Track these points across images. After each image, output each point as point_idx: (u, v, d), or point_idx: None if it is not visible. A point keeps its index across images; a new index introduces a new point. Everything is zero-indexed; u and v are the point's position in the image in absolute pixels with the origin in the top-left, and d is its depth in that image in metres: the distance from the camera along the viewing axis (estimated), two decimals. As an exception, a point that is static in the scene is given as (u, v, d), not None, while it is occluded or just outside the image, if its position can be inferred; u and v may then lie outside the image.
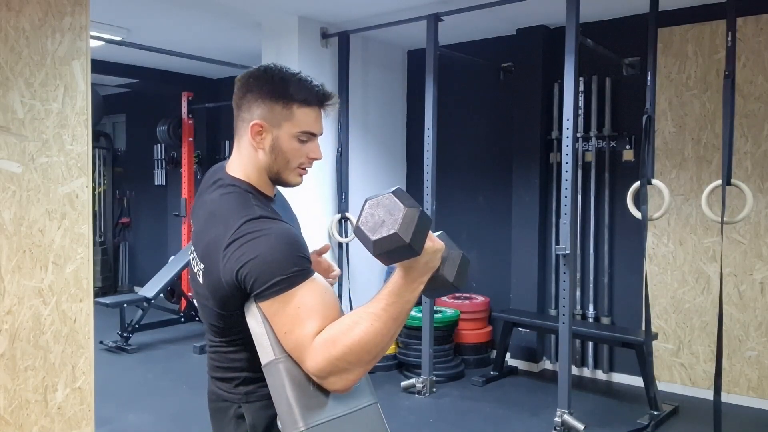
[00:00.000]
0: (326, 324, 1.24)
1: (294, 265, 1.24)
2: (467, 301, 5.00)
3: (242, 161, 1.41)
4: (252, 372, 1.36)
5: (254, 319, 1.29)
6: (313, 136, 1.39)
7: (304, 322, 1.23)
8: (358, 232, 1.21)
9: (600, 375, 4.70)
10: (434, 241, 1.24)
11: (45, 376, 2.58)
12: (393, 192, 1.21)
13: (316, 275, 1.29)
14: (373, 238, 1.18)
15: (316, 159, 1.42)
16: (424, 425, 3.85)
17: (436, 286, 1.29)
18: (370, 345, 1.21)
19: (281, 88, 1.35)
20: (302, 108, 1.35)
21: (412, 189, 5.57)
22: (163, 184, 7.53)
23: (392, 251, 1.18)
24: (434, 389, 4.35)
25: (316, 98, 1.37)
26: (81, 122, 2.68)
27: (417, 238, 1.17)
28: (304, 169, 1.42)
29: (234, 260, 1.26)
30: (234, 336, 1.37)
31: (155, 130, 6.85)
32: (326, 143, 4.74)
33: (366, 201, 1.22)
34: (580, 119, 4.64)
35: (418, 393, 4.29)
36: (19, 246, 2.49)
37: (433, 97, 4.28)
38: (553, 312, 4.79)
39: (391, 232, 1.16)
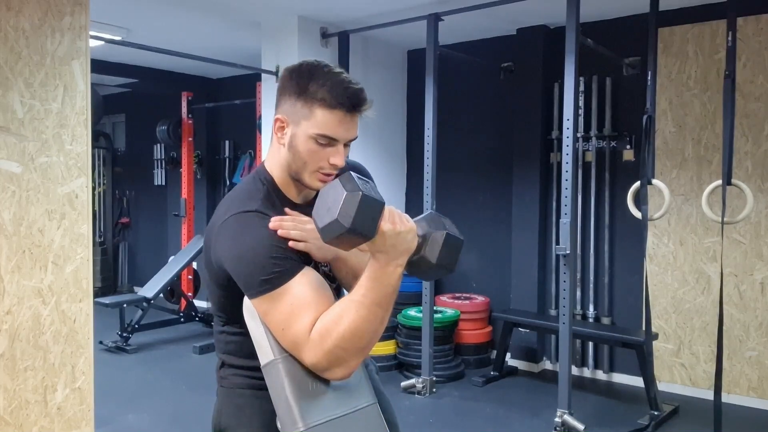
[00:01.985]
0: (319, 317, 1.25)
1: (276, 266, 1.24)
2: (467, 301, 4.99)
3: (270, 155, 1.42)
4: (230, 356, 1.39)
5: (253, 320, 1.29)
6: (333, 140, 1.31)
7: (298, 318, 1.23)
8: (314, 222, 1.21)
9: (600, 375, 4.70)
10: (396, 222, 1.20)
11: (45, 376, 2.58)
12: (340, 177, 1.19)
13: (307, 269, 1.28)
14: (320, 226, 1.17)
15: (337, 165, 1.33)
16: (423, 425, 3.85)
17: (422, 269, 1.27)
18: (361, 331, 1.21)
19: (304, 84, 1.30)
20: (323, 109, 1.28)
21: (412, 189, 5.58)
22: (163, 184, 7.52)
23: (339, 237, 1.16)
24: (434, 389, 4.35)
25: (338, 101, 1.28)
26: (81, 122, 2.68)
27: (359, 221, 1.14)
28: (325, 174, 1.34)
29: (220, 252, 1.30)
30: (224, 316, 1.40)
31: (155, 130, 6.84)
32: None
33: (319, 191, 1.22)
34: (581, 119, 4.64)
35: (418, 393, 4.29)
36: (18, 246, 2.49)
37: (433, 97, 4.27)
38: (553, 312, 4.78)
39: (333, 218, 1.14)
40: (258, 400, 1.28)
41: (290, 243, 1.27)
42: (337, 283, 1.44)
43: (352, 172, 1.21)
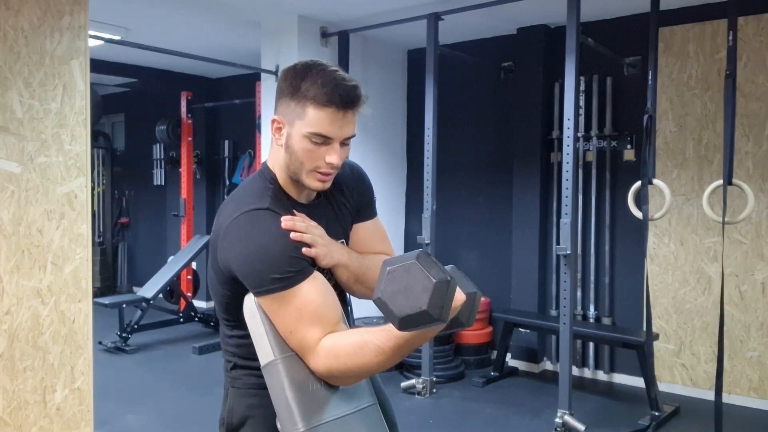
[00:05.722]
0: (329, 328, 1.25)
1: (291, 265, 1.24)
2: (467, 302, 4.98)
3: (271, 156, 1.41)
4: (241, 359, 1.38)
5: (254, 319, 1.29)
6: (327, 139, 1.29)
7: (307, 324, 1.23)
8: (380, 304, 1.10)
9: (601, 376, 4.69)
10: (457, 300, 1.14)
11: (44, 376, 2.57)
12: (417, 259, 1.08)
13: (316, 273, 1.28)
14: (400, 315, 1.08)
15: (333, 164, 1.31)
16: (424, 426, 3.84)
17: (451, 328, 1.23)
18: (371, 369, 1.23)
19: (297, 84, 1.29)
20: (314, 107, 1.27)
21: (412, 189, 5.57)
22: (162, 184, 7.51)
23: (420, 325, 1.09)
24: (434, 390, 4.34)
25: (329, 98, 1.26)
26: (80, 122, 2.67)
27: (446, 310, 1.08)
28: (322, 173, 1.33)
29: (229, 250, 1.28)
30: (231, 319, 1.38)
31: (154, 130, 6.83)
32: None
33: (386, 266, 1.10)
34: (581, 119, 4.63)
35: (418, 394, 4.28)
36: (17, 246, 2.48)
37: (433, 96, 4.26)
38: (553, 312, 4.77)
39: (421, 309, 1.06)
40: (270, 400, 1.28)
41: (303, 249, 1.27)
42: (335, 283, 1.43)
43: (423, 251, 1.13)
